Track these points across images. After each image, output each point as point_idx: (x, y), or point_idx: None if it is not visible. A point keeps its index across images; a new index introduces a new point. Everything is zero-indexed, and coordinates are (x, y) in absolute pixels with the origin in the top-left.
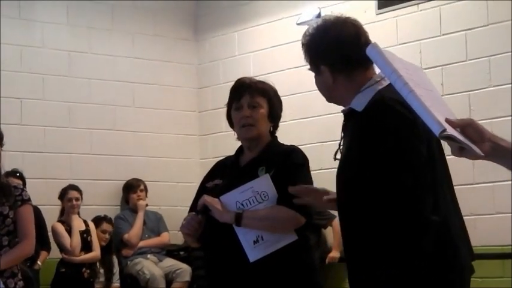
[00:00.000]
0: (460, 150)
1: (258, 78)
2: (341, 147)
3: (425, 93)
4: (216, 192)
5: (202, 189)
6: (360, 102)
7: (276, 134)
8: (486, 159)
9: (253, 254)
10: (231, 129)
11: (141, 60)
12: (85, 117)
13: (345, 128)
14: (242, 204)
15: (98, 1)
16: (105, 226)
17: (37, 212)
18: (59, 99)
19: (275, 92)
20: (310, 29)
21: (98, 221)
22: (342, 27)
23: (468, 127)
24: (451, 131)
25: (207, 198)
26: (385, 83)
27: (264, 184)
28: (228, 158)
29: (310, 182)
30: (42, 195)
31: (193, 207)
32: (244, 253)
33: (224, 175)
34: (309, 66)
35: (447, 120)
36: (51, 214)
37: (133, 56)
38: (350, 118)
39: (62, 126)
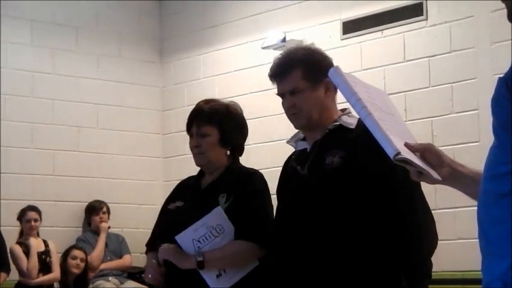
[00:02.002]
0: (419, 175)
1: (221, 100)
2: (329, 159)
3: (386, 117)
4: (178, 215)
5: (165, 211)
6: (349, 122)
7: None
8: (444, 183)
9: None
10: None
11: (106, 81)
12: (48, 138)
13: (327, 142)
14: (199, 241)
15: (62, 22)
16: (76, 252)
17: None
18: (22, 119)
19: (230, 115)
20: (298, 47)
21: (70, 249)
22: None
23: (427, 151)
24: (407, 155)
25: (163, 252)
26: None
27: (217, 218)
28: (190, 178)
29: (269, 208)
30: (3, 216)
31: (155, 230)
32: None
33: (186, 197)
34: (294, 88)
35: (406, 145)
36: (11, 235)
37: (98, 77)
38: (338, 134)
39: (25, 147)
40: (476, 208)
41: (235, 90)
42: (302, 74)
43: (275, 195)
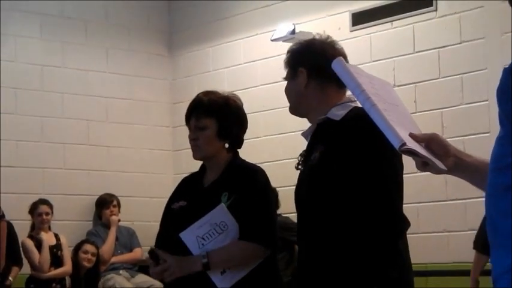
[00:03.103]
0: (424, 165)
1: (221, 92)
2: (313, 155)
3: (391, 108)
4: (181, 215)
5: (169, 211)
6: (337, 114)
7: (246, 150)
8: (449, 173)
9: (222, 284)
10: None
11: (115, 75)
12: (58, 132)
13: (316, 136)
14: (203, 238)
15: (72, 16)
16: (87, 247)
17: (9, 227)
18: (32, 113)
19: (230, 107)
20: (301, 40)
21: (81, 243)
22: (327, 42)
23: (432, 141)
24: (412, 145)
25: (169, 275)
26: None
27: (220, 215)
28: (193, 175)
29: (273, 205)
30: (15, 209)
31: (162, 225)
32: (212, 282)
33: (189, 196)
34: (285, 76)
35: (411, 135)
36: (23, 229)
37: (107, 70)
38: (324, 127)
39: (35, 140)
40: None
41: (245, 82)
42: (286, 64)
43: (288, 187)
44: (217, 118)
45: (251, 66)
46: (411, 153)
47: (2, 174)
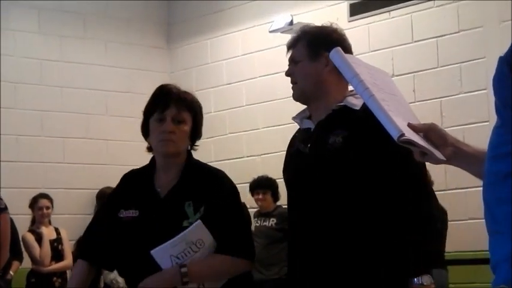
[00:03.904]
0: (422, 155)
1: (183, 89)
2: (332, 139)
3: (389, 98)
4: (136, 227)
5: (115, 220)
6: (354, 103)
7: (245, 142)
8: (448, 163)
9: None
10: (205, 138)
11: (114, 68)
12: (58, 126)
13: (331, 122)
14: (177, 258)
15: (70, 9)
16: None
17: (10, 222)
18: (32, 107)
19: (201, 108)
20: (306, 25)
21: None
22: (340, 31)
23: (431, 131)
24: (411, 135)
25: None
26: None
27: (198, 233)
28: (139, 174)
29: (245, 213)
30: (15, 204)
31: (99, 239)
32: None
33: (141, 205)
34: (295, 57)
35: (410, 125)
36: (23, 223)
37: (106, 64)
38: (341, 114)
39: (35, 135)
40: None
41: (244, 74)
42: (305, 44)
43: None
44: (194, 116)
45: (249, 57)
46: (410, 143)
47: (2, 168)
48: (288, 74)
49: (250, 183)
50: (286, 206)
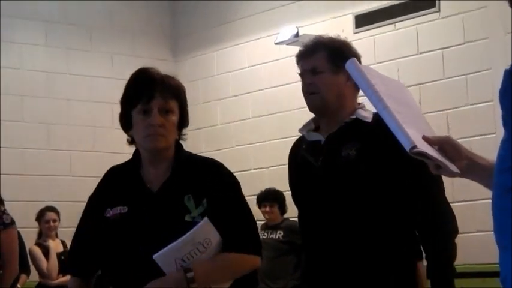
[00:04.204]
0: (437, 168)
1: (164, 73)
2: (345, 152)
3: (404, 110)
4: (124, 225)
5: (101, 220)
6: (365, 116)
7: (252, 154)
8: (463, 176)
9: None
10: (212, 150)
11: (120, 80)
12: (64, 138)
13: (343, 135)
14: (183, 260)
15: (76, 22)
16: None
17: (18, 236)
18: (37, 120)
19: (185, 92)
20: (327, 36)
21: None
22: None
23: (445, 144)
24: (424, 148)
25: None
26: None
27: (205, 231)
28: (121, 172)
29: (246, 204)
30: (22, 217)
31: (92, 239)
32: None
33: (130, 201)
34: (316, 67)
35: (424, 138)
36: (30, 236)
37: (112, 76)
38: (352, 127)
39: (41, 147)
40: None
41: (250, 86)
42: (326, 56)
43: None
44: (181, 103)
45: (255, 69)
46: (422, 155)
47: (8, 181)
48: (309, 83)
49: (258, 196)
50: (293, 219)
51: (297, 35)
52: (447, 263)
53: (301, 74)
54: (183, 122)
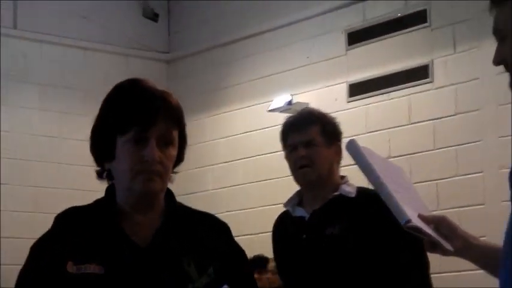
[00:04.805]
0: (432, 245)
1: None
2: (329, 229)
3: (402, 190)
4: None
5: (60, 275)
6: (349, 191)
7: (243, 221)
8: (456, 255)
9: None
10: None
11: None
12: (53, 203)
13: (327, 211)
14: None
15: (71, 86)
16: None
17: None
18: (28, 184)
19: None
20: (316, 109)
21: None
22: None
23: (441, 223)
24: (420, 224)
25: None
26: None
27: None
28: (89, 216)
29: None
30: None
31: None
32: None
33: (105, 258)
34: (311, 140)
35: (420, 216)
36: None
37: None
38: (337, 203)
39: (30, 211)
40: (478, 272)
41: (241, 152)
42: (320, 129)
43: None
44: (181, 131)
45: (248, 136)
46: (417, 230)
47: (1, 245)
48: (302, 156)
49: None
50: None
51: (290, 102)
52: None
53: (292, 146)
54: (180, 156)
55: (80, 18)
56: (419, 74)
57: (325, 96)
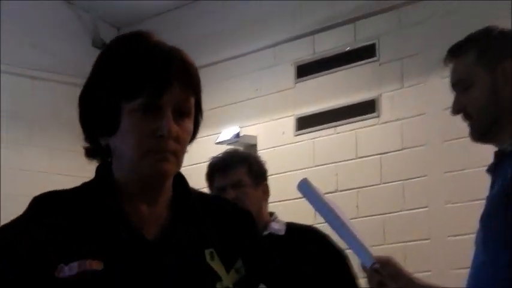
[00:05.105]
0: (380, 285)
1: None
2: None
3: (348, 225)
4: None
5: (49, 282)
6: (278, 229)
7: None
8: None
9: None
10: None
11: None
12: None
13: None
14: None
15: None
16: None
17: None
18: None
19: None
20: (239, 150)
21: None
22: None
23: (387, 264)
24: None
25: None
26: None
27: None
28: (82, 202)
29: None
30: None
31: None
32: None
33: (103, 250)
34: (239, 181)
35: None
36: None
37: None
38: (267, 242)
39: None
40: None
41: (190, 184)
42: (247, 169)
43: None
44: (198, 100)
45: (195, 169)
46: (377, 272)
47: None
48: (232, 198)
49: None
50: None
51: (237, 135)
52: None
53: (220, 188)
54: (195, 130)
55: (29, 47)
56: (366, 108)
57: (273, 129)
